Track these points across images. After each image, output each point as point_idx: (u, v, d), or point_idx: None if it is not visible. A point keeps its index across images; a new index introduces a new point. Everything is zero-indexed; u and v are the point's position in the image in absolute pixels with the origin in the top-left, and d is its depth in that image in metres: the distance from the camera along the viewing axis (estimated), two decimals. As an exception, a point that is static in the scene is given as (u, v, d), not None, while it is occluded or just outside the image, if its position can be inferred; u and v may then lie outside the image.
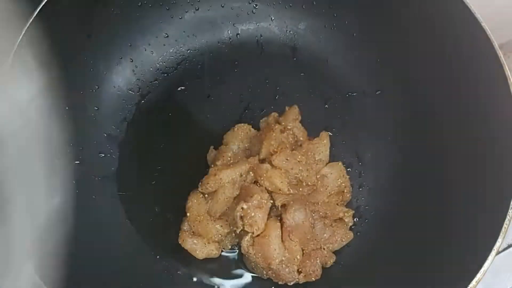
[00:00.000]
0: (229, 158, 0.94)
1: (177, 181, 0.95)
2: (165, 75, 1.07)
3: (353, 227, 0.93)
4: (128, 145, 0.98)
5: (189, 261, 0.89)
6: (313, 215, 0.88)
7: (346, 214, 0.90)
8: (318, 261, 0.86)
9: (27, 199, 0.66)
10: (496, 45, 0.80)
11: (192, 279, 0.88)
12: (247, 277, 0.88)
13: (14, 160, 0.66)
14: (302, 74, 1.07)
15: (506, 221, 0.71)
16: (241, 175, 0.89)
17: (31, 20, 0.83)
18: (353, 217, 0.93)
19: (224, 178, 0.88)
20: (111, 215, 0.90)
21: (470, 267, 0.70)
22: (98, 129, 0.97)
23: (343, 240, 0.89)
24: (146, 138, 1.00)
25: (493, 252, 0.70)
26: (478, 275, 0.69)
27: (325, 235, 0.88)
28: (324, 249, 0.87)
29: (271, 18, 1.12)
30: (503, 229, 0.72)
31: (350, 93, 1.05)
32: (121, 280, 0.84)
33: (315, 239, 0.87)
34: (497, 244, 0.70)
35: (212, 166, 0.93)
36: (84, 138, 0.94)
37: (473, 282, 0.68)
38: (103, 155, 0.96)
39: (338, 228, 0.89)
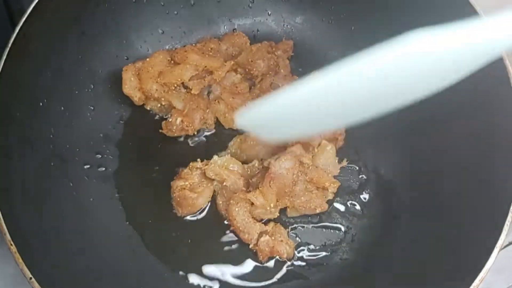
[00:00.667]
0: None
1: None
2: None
3: (354, 225, 0.92)
4: (125, 145, 0.97)
5: (189, 262, 0.88)
6: (299, 174, 0.88)
7: (332, 184, 0.91)
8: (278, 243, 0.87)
9: None
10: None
11: (189, 281, 0.87)
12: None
13: None
14: (300, 69, 1.05)
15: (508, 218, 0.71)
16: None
17: (24, 18, 0.81)
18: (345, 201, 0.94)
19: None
20: (109, 217, 0.89)
21: (474, 265, 0.70)
22: (94, 130, 0.96)
23: (317, 210, 0.90)
24: (143, 138, 0.98)
25: (496, 250, 0.70)
26: (481, 274, 0.69)
27: (302, 198, 0.89)
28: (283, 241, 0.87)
29: (268, 13, 1.10)
30: (505, 226, 0.72)
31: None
32: (120, 280, 0.83)
33: (291, 197, 0.88)
34: (500, 242, 0.70)
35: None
36: (80, 138, 0.93)
37: (476, 281, 0.68)
38: (100, 156, 0.95)
39: (317, 197, 0.90)
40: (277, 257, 0.88)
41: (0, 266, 0.90)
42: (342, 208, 0.93)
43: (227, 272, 0.88)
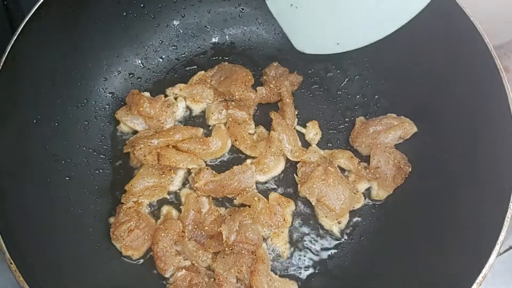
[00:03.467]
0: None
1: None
2: (154, 84, 1.05)
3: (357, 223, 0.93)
4: (120, 159, 0.97)
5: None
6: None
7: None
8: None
9: None
10: (490, 45, 0.80)
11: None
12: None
13: None
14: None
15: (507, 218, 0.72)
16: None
17: (16, 35, 0.81)
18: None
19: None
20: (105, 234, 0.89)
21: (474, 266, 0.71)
22: (88, 144, 0.95)
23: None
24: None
25: (494, 254, 0.70)
26: (479, 278, 0.70)
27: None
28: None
29: (259, 22, 1.11)
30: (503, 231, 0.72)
31: (340, 92, 1.06)
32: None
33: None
34: (497, 246, 0.71)
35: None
36: (75, 153, 0.93)
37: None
38: (97, 171, 0.94)
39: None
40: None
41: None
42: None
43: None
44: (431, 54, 0.92)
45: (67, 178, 0.89)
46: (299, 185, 0.93)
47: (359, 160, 0.96)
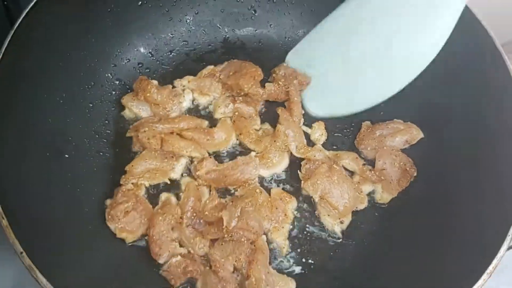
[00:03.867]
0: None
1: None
2: (162, 76, 1.04)
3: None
4: (122, 144, 0.95)
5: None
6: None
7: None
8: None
9: None
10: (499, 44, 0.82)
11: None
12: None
13: None
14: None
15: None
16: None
17: (24, 13, 0.82)
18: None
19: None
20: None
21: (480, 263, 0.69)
22: (91, 125, 0.94)
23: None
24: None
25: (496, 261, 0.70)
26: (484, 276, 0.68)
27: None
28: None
29: (270, 25, 1.12)
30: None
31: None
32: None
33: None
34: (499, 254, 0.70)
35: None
36: (77, 133, 0.91)
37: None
38: (97, 153, 0.93)
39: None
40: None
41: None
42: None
43: None
44: (438, 60, 0.93)
45: (66, 156, 0.87)
46: (302, 181, 0.91)
47: (364, 162, 0.94)
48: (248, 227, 0.80)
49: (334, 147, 0.99)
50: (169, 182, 0.91)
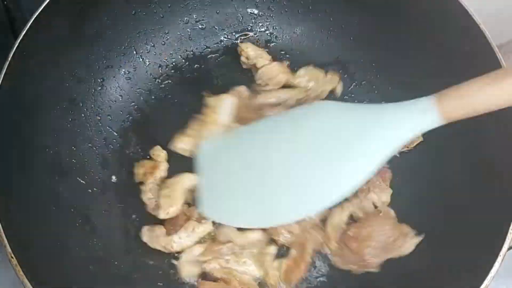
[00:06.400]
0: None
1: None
2: (160, 84, 1.05)
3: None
4: (128, 154, 0.97)
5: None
6: None
7: None
8: None
9: None
10: (494, 45, 0.81)
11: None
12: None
13: None
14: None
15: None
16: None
17: (27, 27, 0.82)
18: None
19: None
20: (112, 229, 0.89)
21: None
22: (96, 141, 0.96)
23: None
24: (144, 147, 0.97)
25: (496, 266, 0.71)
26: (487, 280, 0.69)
27: None
28: None
29: (270, 29, 1.11)
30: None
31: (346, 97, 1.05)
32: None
33: None
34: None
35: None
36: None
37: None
38: (104, 167, 0.94)
39: None
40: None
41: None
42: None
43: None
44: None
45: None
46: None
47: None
48: None
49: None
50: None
